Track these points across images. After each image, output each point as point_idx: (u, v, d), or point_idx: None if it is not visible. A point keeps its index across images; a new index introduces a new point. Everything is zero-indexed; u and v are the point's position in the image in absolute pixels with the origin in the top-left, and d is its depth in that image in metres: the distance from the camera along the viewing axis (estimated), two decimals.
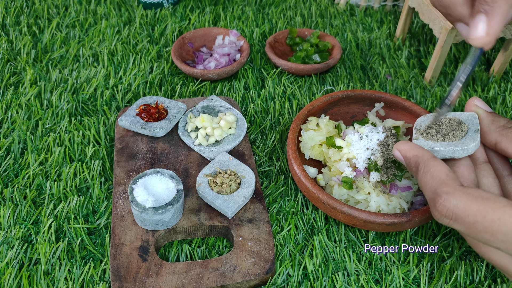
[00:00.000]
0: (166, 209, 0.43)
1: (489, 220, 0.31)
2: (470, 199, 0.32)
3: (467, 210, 0.32)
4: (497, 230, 0.31)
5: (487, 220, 0.31)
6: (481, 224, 0.32)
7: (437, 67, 0.64)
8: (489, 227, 0.31)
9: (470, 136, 0.40)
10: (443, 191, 0.33)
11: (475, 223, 0.32)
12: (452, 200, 0.33)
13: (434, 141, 0.41)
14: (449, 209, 0.33)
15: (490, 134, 0.40)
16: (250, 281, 0.41)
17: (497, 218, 0.31)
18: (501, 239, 0.31)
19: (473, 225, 0.32)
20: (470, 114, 0.42)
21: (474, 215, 0.32)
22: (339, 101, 0.56)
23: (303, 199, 0.50)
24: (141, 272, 0.41)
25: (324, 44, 0.69)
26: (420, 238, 0.47)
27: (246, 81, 0.65)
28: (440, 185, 0.34)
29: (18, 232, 0.45)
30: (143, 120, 0.54)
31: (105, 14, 0.78)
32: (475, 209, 0.32)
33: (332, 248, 0.45)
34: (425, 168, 0.36)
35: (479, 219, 0.32)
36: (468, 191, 0.33)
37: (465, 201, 0.32)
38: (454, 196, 0.33)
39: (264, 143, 0.56)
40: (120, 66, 0.67)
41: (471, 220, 0.32)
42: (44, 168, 0.52)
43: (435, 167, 0.36)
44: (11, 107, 0.59)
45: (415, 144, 0.40)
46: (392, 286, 0.43)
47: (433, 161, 0.37)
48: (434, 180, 0.35)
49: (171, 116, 0.54)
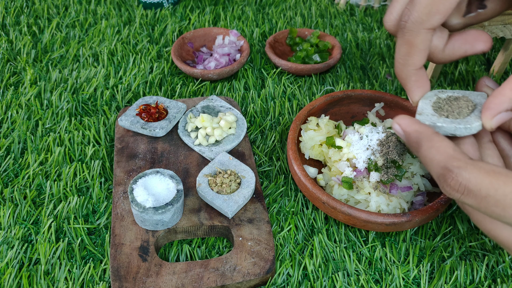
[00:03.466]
0: (166, 209, 0.43)
1: (501, 193, 0.31)
2: (482, 173, 0.31)
3: (479, 184, 0.31)
4: (509, 204, 0.30)
5: (499, 193, 0.31)
6: (492, 198, 0.31)
7: (437, 67, 0.64)
8: (500, 201, 0.31)
9: (475, 115, 0.38)
10: (454, 166, 0.32)
11: (487, 197, 0.31)
12: (464, 174, 0.32)
13: (437, 117, 0.39)
14: (462, 183, 0.32)
15: None
16: (250, 281, 0.41)
17: (509, 192, 0.30)
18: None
19: (484, 199, 0.31)
20: (480, 94, 0.40)
21: (486, 189, 0.31)
22: (339, 101, 0.56)
23: (303, 199, 0.50)
24: (141, 272, 0.41)
25: (324, 44, 0.69)
26: (420, 238, 0.47)
27: (246, 81, 0.65)
28: (450, 159, 0.33)
29: (18, 232, 0.45)
30: (143, 120, 0.54)
31: (105, 14, 0.78)
32: (487, 182, 0.31)
33: (332, 248, 0.45)
34: (429, 143, 0.35)
35: (491, 192, 0.31)
36: (480, 165, 0.32)
37: (477, 174, 0.31)
38: (466, 170, 0.32)
39: (264, 143, 0.56)
40: (120, 66, 0.67)
41: (483, 194, 0.31)
42: (44, 168, 0.52)
43: (440, 142, 0.35)
44: (11, 107, 0.59)
45: (415, 119, 0.38)
46: (392, 286, 0.43)
47: (436, 136, 0.35)
48: (441, 155, 0.34)
49: (171, 116, 0.54)
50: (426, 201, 0.48)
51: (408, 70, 0.38)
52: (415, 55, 0.36)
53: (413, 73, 0.38)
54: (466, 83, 0.67)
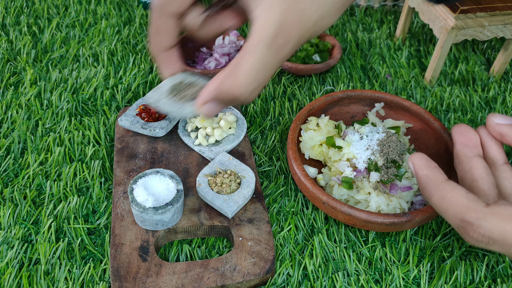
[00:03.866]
0: (166, 209, 0.43)
1: None
2: (504, 220, 0.31)
3: (504, 233, 0.31)
4: None
5: None
6: None
7: (437, 67, 0.64)
8: None
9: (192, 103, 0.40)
10: (472, 217, 0.32)
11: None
12: (486, 225, 0.31)
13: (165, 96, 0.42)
14: (485, 235, 0.32)
15: None
16: (250, 281, 0.41)
17: None
18: None
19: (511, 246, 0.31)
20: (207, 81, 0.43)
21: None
22: (339, 101, 0.56)
23: (303, 199, 0.50)
24: (141, 272, 0.41)
25: (324, 44, 0.69)
26: (420, 238, 0.47)
27: None
28: (466, 211, 0.33)
29: (18, 232, 0.45)
30: (143, 120, 0.54)
31: (105, 14, 0.78)
32: (511, 229, 0.31)
33: (332, 248, 0.45)
34: (440, 193, 0.35)
35: None
36: (498, 211, 0.32)
37: (499, 223, 0.31)
38: (485, 221, 0.32)
39: (264, 143, 0.56)
40: (120, 66, 0.67)
41: (510, 242, 0.31)
42: (44, 168, 0.52)
43: (452, 192, 0.34)
44: (11, 107, 0.59)
45: (429, 160, 0.38)
46: (392, 286, 0.43)
47: (447, 185, 0.35)
48: (456, 206, 0.33)
49: (171, 116, 0.54)
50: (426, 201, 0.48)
51: (155, 48, 0.40)
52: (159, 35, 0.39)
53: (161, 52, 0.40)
54: (466, 83, 0.67)
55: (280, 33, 0.30)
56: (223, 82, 0.34)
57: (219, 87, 0.35)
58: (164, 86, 0.44)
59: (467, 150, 0.39)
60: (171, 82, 0.44)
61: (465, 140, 0.39)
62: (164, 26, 0.38)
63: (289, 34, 0.30)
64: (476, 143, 0.39)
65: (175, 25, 0.38)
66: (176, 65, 0.41)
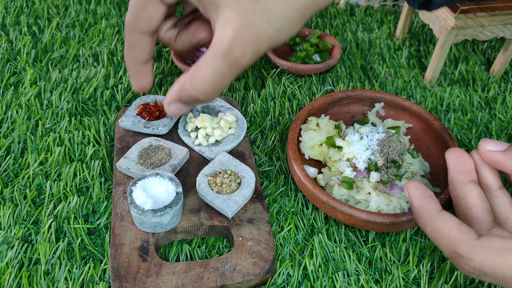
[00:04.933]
0: (165, 212, 0.43)
1: None
2: (493, 254, 0.31)
3: (493, 267, 0.31)
4: None
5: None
6: (510, 278, 0.31)
7: (437, 67, 0.64)
8: None
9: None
10: (463, 250, 0.33)
11: (505, 277, 0.31)
12: (475, 258, 0.32)
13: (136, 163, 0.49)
14: (475, 267, 0.32)
15: None
16: (250, 281, 0.41)
17: None
18: None
19: (503, 279, 0.31)
20: None
21: (502, 270, 0.31)
22: (339, 101, 0.56)
23: (303, 199, 0.50)
24: (141, 272, 0.41)
25: (324, 44, 0.69)
26: (420, 238, 0.47)
27: (246, 81, 0.65)
28: (457, 243, 0.33)
29: (18, 232, 0.45)
30: (145, 119, 0.54)
31: (105, 14, 0.78)
32: (501, 263, 0.31)
33: (332, 248, 0.45)
34: (433, 225, 0.35)
35: (508, 273, 0.31)
36: (488, 244, 0.32)
37: (488, 256, 0.32)
38: (475, 254, 0.32)
39: (264, 143, 0.56)
40: (120, 66, 0.67)
41: (499, 276, 0.31)
42: (44, 168, 0.52)
43: (444, 223, 0.35)
44: (11, 107, 0.59)
45: (424, 189, 0.38)
46: (392, 286, 0.43)
47: (440, 216, 0.35)
48: (447, 239, 0.34)
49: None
50: None
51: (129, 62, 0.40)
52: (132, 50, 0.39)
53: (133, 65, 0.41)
54: (466, 83, 0.67)
55: (235, 48, 0.31)
56: (184, 85, 0.35)
57: (181, 88, 0.36)
58: (133, 153, 0.50)
59: (461, 176, 0.39)
60: (140, 148, 0.50)
61: (459, 165, 0.39)
62: (137, 43, 0.39)
63: (244, 49, 0.31)
64: (470, 169, 0.39)
65: (148, 41, 0.39)
66: (147, 80, 0.42)
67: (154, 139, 0.52)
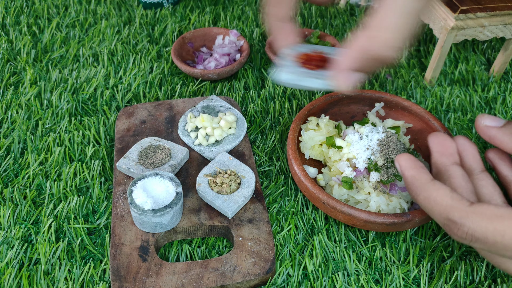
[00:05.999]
0: (165, 212, 0.43)
1: (508, 238, 0.31)
2: (485, 220, 0.32)
3: (485, 232, 0.32)
4: None
5: (506, 239, 0.31)
6: (501, 244, 0.31)
7: (437, 67, 0.64)
8: (509, 246, 0.31)
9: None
10: (456, 216, 0.33)
11: (495, 243, 0.32)
12: (468, 224, 0.32)
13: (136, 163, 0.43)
14: (468, 233, 0.33)
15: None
16: (250, 281, 0.41)
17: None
18: None
19: (493, 245, 0.32)
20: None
21: (493, 236, 0.32)
22: (339, 101, 0.56)
23: (303, 199, 0.50)
24: (141, 272, 0.41)
25: (324, 44, 0.69)
26: (420, 238, 0.47)
27: (246, 81, 0.65)
28: (450, 210, 0.34)
29: (18, 232, 0.45)
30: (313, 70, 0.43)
31: (105, 14, 0.78)
32: (492, 229, 0.31)
33: (332, 248, 0.45)
34: (425, 193, 0.36)
35: (498, 239, 0.31)
36: (481, 211, 0.32)
37: (480, 222, 0.32)
38: (468, 220, 0.32)
39: (264, 143, 0.56)
40: (120, 66, 0.67)
41: (490, 241, 0.32)
42: (44, 168, 0.52)
43: (436, 191, 0.35)
44: (11, 107, 0.59)
45: (415, 161, 0.38)
46: (392, 286, 0.43)
47: (432, 185, 0.36)
48: (440, 206, 0.34)
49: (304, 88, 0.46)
50: None
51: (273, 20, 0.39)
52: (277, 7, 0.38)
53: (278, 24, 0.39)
54: (466, 83, 0.67)
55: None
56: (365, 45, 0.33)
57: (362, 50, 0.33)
58: (133, 153, 0.49)
59: (444, 158, 0.39)
60: (140, 148, 0.48)
61: (442, 148, 0.40)
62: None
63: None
64: (452, 152, 0.40)
65: None
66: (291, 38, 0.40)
67: (154, 139, 0.52)
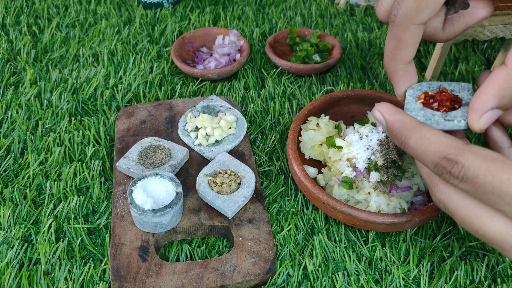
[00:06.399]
0: (165, 212, 0.43)
1: (498, 180, 0.30)
2: (480, 159, 0.31)
3: (477, 170, 0.31)
4: (505, 192, 0.30)
5: (496, 180, 0.30)
6: (489, 185, 0.30)
7: (437, 67, 0.64)
8: (497, 188, 0.30)
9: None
10: (452, 154, 0.32)
11: (484, 183, 0.31)
12: (463, 161, 0.31)
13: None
14: (461, 170, 0.31)
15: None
16: (250, 281, 0.41)
17: (506, 179, 0.30)
18: (508, 201, 0.30)
19: (482, 185, 0.31)
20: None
21: (484, 175, 0.30)
22: (339, 101, 0.56)
23: (303, 199, 0.50)
24: (141, 272, 0.41)
25: (324, 44, 0.69)
26: (420, 238, 0.47)
27: (246, 81, 0.65)
28: (447, 148, 0.32)
29: (18, 232, 0.45)
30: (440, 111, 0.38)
31: (105, 14, 0.78)
32: (485, 168, 0.31)
33: (332, 248, 0.45)
34: (418, 134, 0.34)
35: (488, 179, 0.30)
36: (477, 150, 0.31)
37: (475, 160, 0.31)
38: (464, 157, 0.31)
39: (264, 143, 0.56)
40: (120, 66, 0.67)
41: (480, 181, 0.31)
42: (44, 168, 0.52)
43: (430, 131, 0.33)
44: (11, 107, 0.59)
45: (397, 108, 0.36)
46: (392, 286, 0.43)
47: (424, 126, 0.34)
48: (435, 145, 0.33)
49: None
50: (426, 201, 0.48)
51: (396, 64, 0.37)
52: (403, 50, 0.36)
53: (401, 67, 0.37)
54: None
55: None
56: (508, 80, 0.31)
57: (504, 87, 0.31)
58: (133, 153, 0.49)
59: None
60: (140, 148, 0.49)
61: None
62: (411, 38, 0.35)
63: None
64: None
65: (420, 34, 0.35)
66: (414, 79, 0.38)
67: (154, 139, 0.52)
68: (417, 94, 0.39)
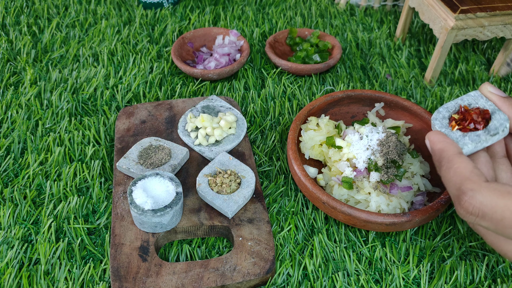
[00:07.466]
0: (165, 212, 0.43)
1: None
2: (497, 195, 0.31)
3: (494, 207, 0.31)
4: None
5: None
6: (508, 220, 0.31)
7: (437, 67, 0.64)
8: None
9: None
10: (467, 188, 0.32)
11: (503, 219, 0.31)
12: (478, 197, 0.32)
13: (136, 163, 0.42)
14: (475, 206, 0.32)
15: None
16: (250, 281, 0.41)
17: None
18: None
19: (500, 221, 0.31)
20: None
21: (502, 211, 0.31)
22: (339, 101, 0.56)
23: (303, 199, 0.50)
24: (141, 272, 0.41)
25: (324, 44, 0.69)
26: (420, 238, 0.47)
27: (246, 81, 0.65)
28: (465, 181, 0.33)
29: (18, 232, 0.45)
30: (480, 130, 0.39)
31: (105, 14, 0.78)
32: (502, 205, 0.31)
33: (332, 248, 0.45)
34: (449, 164, 0.35)
35: (506, 215, 0.31)
36: (494, 187, 0.32)
37: (491, 197, 0.31)
38: (479, 193, 0.32)
39: (264, 143, 0.56)
40: (120, 66, 0.67)
41: (498, 217, 0.31)
42: (44, 168, 0.52)
43: (459, 163, 0.35)
44: (11, 107, 0.59)
45: (445, 137, 0.38)
46: (392, 286, 0.43)
47: (458, 157, 0.35)
48: (457, 176, 0.34)
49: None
50: (426, 201, 0.48)
51: None
52: None
53: None
54: (466, 83, 0.67)
55: None
56: None
57: None
58: (133, 153, 0.49)
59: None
60: (140, 148, 0.49)
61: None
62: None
63: None
64: None
65: None
66: None
67: (154, 139, 0.52)
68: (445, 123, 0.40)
